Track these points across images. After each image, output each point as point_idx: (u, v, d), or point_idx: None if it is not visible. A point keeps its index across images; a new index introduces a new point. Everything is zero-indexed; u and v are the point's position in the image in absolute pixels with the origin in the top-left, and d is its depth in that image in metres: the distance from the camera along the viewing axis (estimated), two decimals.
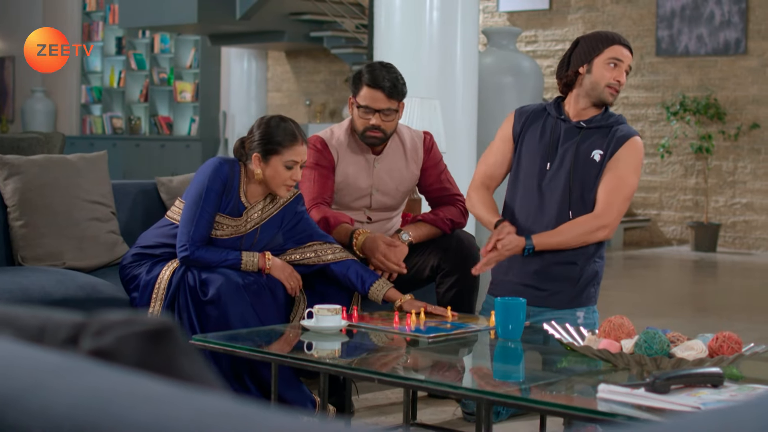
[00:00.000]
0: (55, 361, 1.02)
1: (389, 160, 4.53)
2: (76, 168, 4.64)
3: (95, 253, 4.57)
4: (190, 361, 1.12)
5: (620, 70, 4.22)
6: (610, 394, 2.69)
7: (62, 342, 1.15)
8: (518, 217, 4.26)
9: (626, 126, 4.26)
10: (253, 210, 4.13)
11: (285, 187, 4.03)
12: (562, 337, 3.23)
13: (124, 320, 1.10)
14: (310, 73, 15.07)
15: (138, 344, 1.09)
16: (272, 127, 4.01)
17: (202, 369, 1.14)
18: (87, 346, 1.12)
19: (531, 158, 4.26)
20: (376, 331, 3.68)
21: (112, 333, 1.10)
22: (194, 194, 4.03)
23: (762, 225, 11.53)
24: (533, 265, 4.18)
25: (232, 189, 4.07)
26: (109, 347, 1.09)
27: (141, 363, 1.10)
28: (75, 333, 1.15)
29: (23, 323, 1.20)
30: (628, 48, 4.26)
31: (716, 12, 11.62)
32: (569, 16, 12.69)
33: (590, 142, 4.20)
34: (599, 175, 4.16)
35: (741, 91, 11.56)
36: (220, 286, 3.91)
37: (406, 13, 6.41)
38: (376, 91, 4.36)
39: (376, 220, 4.57)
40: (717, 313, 7.77)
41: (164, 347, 1.09)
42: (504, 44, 7.15)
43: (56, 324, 1.18)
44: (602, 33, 4.29)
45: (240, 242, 4.10)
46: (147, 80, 15.82)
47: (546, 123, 4.29)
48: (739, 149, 11.61)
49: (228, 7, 12.76)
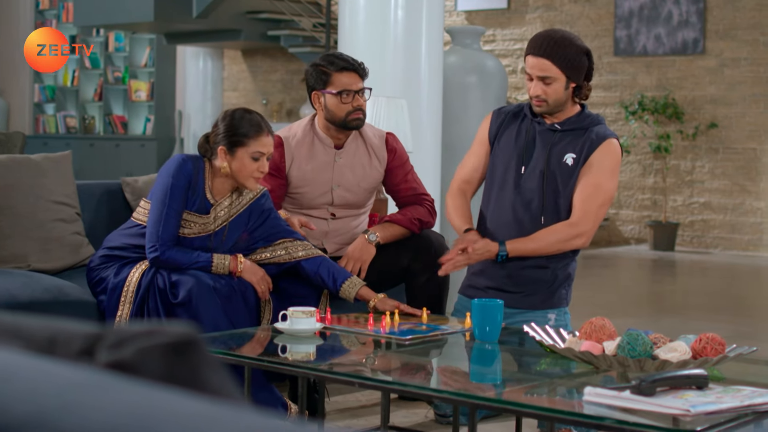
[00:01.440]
0: (81, 376, 0.96)
1: (351, 155, 4.50)
2: (40, 168, 4.55)
3: (60, 254, 4.48)
4: (214, 373, 1.07)
5: (535, 83, 4.07)
6: (597, 397, 2.65)
7: (76, 354, 1.09)
8: (491, 222, 4.22)
9: (602, 127, 4.18)
10: (219, 207, 4.07)
11: (253, 179, 3.98)
12: (543, 339, 3.20)
13: (144, 332, 1.05)
14: (266, 72, 14.98)
15: (161, 357, 1.03)
16: (237, 119, 3.97)
17: (226, 381, 1.09)
18: (104, 358, 1.06)
19: (505, 161, 4.21)
20: (351, 334, 3.63)
21: (133, 345, 1.04)
22: (159, 193, 3.96)
23: (720, 224, 11.59)
24: (506, 268, 4.15)
25: (197, 186, 4.01)
26: (129, 360, 1.04)
27: (165, 376, 1.04)
28: (90, 345, 1.09)
29: (32, 334, 1.14)
30: (546, 56, 4.04)
31: (674, 12, 11.67)
32: (527, 15, 12.70)
33: (563, 146, 4.14)
34: (573, 180, 4.10)
35: (699, 90, 11.62)
36: (191, 288, 3.84)
37: (370, 11, 6.36)
38: (349, 74, 4.39)
39: (341, 216, 4.52)
40: (677, 312, 7.80)
41: (189, 359, 1.04)
42: (468, 43, 7.12)
43: (68, 335, 1.12)
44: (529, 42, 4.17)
45: (209, 240, 4.04)
46: (101, 79, 15.65)
47: (522, 125, 4.23)
48: (697, 149, 11.67)
49: (184, 5, 12.65)
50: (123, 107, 15.65)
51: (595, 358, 3.00)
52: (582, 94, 4.14)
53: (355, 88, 4.38)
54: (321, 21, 13.15)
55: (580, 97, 4.13)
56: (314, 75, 4.43)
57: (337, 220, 4.51)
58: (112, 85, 15.56)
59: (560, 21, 12.45)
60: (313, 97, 4.45)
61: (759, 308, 8.56)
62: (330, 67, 4.39)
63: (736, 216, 11.50)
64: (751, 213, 11.40)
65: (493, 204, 4.23)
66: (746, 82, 11.36)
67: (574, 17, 12.39)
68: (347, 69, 4.39)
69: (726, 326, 6.95)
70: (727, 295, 9.07)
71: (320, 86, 4.41)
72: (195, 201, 4.02)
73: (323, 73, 4.40)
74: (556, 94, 4.07)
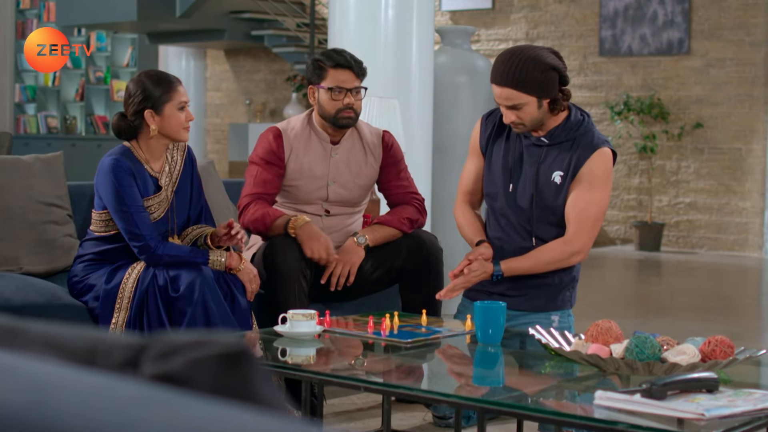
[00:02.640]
0: (136, 390, 0.91)
1: (347, 151, 4.47)
2: (31, 169, 4.48)
3: (52, 257, 4.42)
4: (265, 385, 1.02)
5: (506, 111, 3.94)
6: (608, 401, 2.62)
7: (119, 365, 1.05)
8: (489, 235, 4.17)
9: (590, 135, 4.02)
10: (163, 176, 4.09)
11: (184, 129, 4.03)
12: (549, 342, 3.16)
13: (193, 342, 1.00)
14: (249, 72, 14.92)
15: (213, 368, 0.99)
16: (152, 78, 4.01)
17: (277, 393, 1.05)
18: (150, 370, 1.02)
19: (495, 180, 4.12)
20: (352, 337, 3.59)
21: (182, 356, 1.00)
22: (114, 201, 3.92)
23: (705, 224, 11.60)
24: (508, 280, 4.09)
25: (139, 171, 4.01)
26: (179, 371, 0.99)
27: (216, 388, 1.00)
28: (133, 356, 1.04)
29: (69, 344, 1.09)
30: (509, 85, 3.87)
31: (659, 12, 11.67)
32: (512, 15, 12.68)
33: (551, 163, 4.01)
34: (561, 197, 4.00)
35: (684, 90, 11.62)
36: (193, 281, 3.81)
37: (360, 11, 6.32)
38: (344, 71, 4.35)
39: (336, 213, 4.48)
40: (665, 312, 7.79)
41: (241, 371, 1.00)
42: (458, 43, 7.08)
43: (108, 346, 1.07)
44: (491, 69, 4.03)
45: (170, 216, 4.04)
46: (83, 79, 15.54)
47: (509, 140, 4.10)
48: (683, 149, 11.67)
49: (168, 5, 12.58)
50: (105, 107, 15.55)
51: (603, 362, 2.96)
52: (559, 105, 3.96)
53: (347, 85, 4.34)
54: (305, 21, 13.10)
55: (558, 108, 3.97)
56: (311, 68, 4.41)
57: (332, 218, 4.46)
58: (94, 85, 15.46)
59: (545, 21, 12.44)
60: (309, 91, 4.44)
61: (746, 308, 8.56)
62: (326, 62, 4.37)
63: (721, 216, 11.51)
64: (737, 213, 11.41)
65: (487, 223, 4.20)
66: (731, 83, 11.36)
67: (558, 17, 12.38)
68: (342, 66, 4.35)
69: (715, 327, 6.94)
70: (714, 295, 9.06)
71: (316, 80, 4.39)
72: (146, 186, 4.03)
73: (319, 68, 4.38)
74: (530, 116, 3.94)
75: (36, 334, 1.14)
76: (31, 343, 1.13)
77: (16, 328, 1.17)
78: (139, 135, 4.04)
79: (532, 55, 3.89)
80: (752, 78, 11.26)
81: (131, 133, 4.04)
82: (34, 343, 1.13)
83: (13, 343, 1.14)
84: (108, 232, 4.03)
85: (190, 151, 4.22)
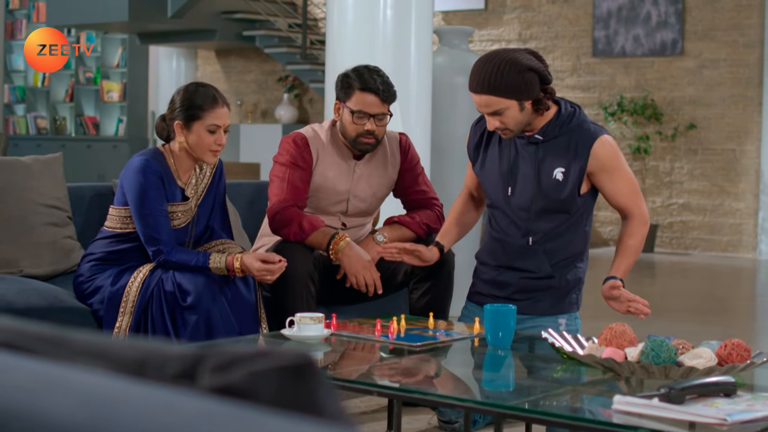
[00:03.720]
0: (198, 403, 0.87)
1: (370, 166, 4.39)
2: (31, 170, 4.43)
3: (52, 259, 4.37)
4: (330, 398, 0.98)
5: (488, 118, 3.90)
6: (627, 405, 2.59)
7: (173, 377, 1.00)
8: (492, 246, 4.12)
9: (585, 126, 3.97)
10: (190, 187, 4.05)
11: (211, 153, 3.96)
12: (562, 345, 3.13)
13: (254, 354, 0.96)
14: (240, 72, 14.87)
15: (276, 381, 0.95)
16: (191, 92, 3.94)
17: (341, 406, 1.01)
18: (208, 382, 0.98)
19: (492, 185, 4.08)
20: (360, 340, 3.55)
21: (243, 368, 0.96)
22: (138, 200, 3.89)
23: (699, 225, 11.59)
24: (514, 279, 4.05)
25: (168, 177, 3.98)
26: (240, 384, 0.95)
27: (280, 401, 0.96)
28: (189, 367, 1.00)
29: (118, 355, 1.05)
30: (485, 92, 3.82)
31: (653, 13, 11.65)
32: (505, 16, 12.65)
33: (551, 160, 3.96)
34: (566, 193, 3.95)
35: (678, 91, 11.61)
36: (201, 292, 3.77)
37: (358, 11, 6.28)
38: (369, 95, 4.20)
39: (351, 226, 4.43)
40: (659, 314, 7.75)
41: (306, 384, 0.96)
42: (456, 43, 7.04)
43: (160, 357, 1.03)
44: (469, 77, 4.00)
45: (190, 228, 3.99)
46: (72, 80, 15.48)
47: (502, 141, 4.04)
48: (676, 150, 11.66)
49: (159, 5, 12.52)
50: (95, 108, 15.49)
51: (618, 365, 2.93)
52: (543, 105, 3.90)
53: (371, 111, 4.21)
54: (297, 21, 13.05)
55: (543, 108, 3.91)
56: (341, 84, 4.28)
57: (347, 230, 4.41)
58: (84, 85, 15.39)
59: (538, 22, 12.41)
60: (335, 105, 4.31)
61: (741, 310, 8.55)
62: (356, 82, 4.22)
63: (715, 217, 11.50)
64: (731, 214, 11.40)
65: (488, 219, 4.17)
66: (725, 83, 11.36)
67: (552, 18, 12.35)
68: (371, 90, 4.20)
69: (713, 329, 6.92)
70: (708, 297, 9.05)
71: (342, 97, 4.27)
72: (173, 192, 3.99)
73: (348, 86, 4.24)
74: (514, 120, 3.87)
75: (80, 344, 1.10)
76: (76, 354, 1.09)
77: (59, 338, 1.13)
78: (172, 142, 4.01)
79: (506, 58, 3.82)
80: (746, 79, 11.26)
81: (166, 137, 4.01)
82: (80, 354, 1.09)
83: (58, 354, 1.10)
84: (124, 229, 3.99)
85: (221, 165, 4.17)
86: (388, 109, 4.26)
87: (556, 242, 4.02)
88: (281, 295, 4.08)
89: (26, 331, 1.16)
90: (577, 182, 3.95)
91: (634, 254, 4.01)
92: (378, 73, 4.27)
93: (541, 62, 3.92)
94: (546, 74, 3.90)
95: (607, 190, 3.98)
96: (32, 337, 1.14)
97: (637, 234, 4.00)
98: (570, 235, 4.04)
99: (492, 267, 4.10)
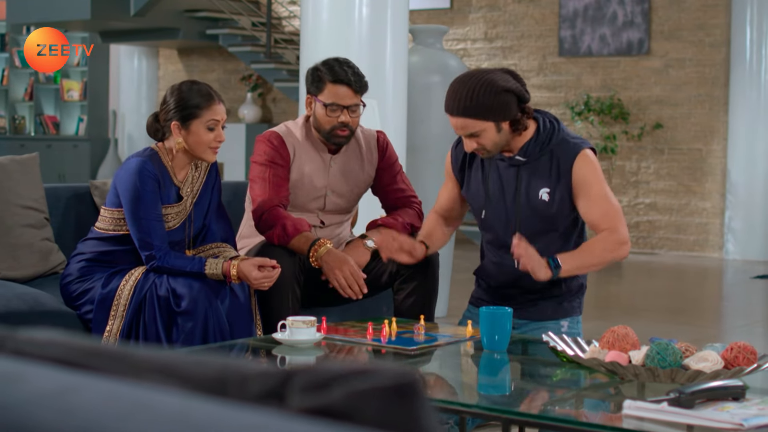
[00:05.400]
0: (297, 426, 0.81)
1: (345, 161, 4.34)
2: (7, 171, 4.33)
3: (30, 261, 4.27)
4: (433, 420, 0.92)
5: (466, 140, 3.84)
6: (637, 410, 2.54)
7: (258, 397, 0.93)
8: (490, 268, 4.07)
9: (566, 143, 3.89)
10: (185, 186, 3.98)
11: (211, 150, 3.89)
12: (564, 349, 3.07)
13: (351, 372, 0.89)
14: (203, 71, 14.74)
15: (379, 401, 0.88)
16: (185, 91, 3.88)
17: (439, 426, 0.94)
18: (300, 402, 0.91)
19: (480, 208, 4.03)
20: (353, 344, 3.48)
21: (340, 388, 0.89)
22: (132, 204, 3.80)
23: (665, 225, 11.61)
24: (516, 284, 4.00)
25: (164, 178, 3.90)
26: (338, 405, 0.88)
27: (382, 424, 0.89)
28: (276, 386, 0.93)
29: (192, 373, 0.98)
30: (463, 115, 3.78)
31: (619, 12, 11.66)
32: (471, 15, 12.61)
33: (534, 181, 3.89)
34: (554, 211, 3.89)
35: (644, 91, 11.62)
36: (196, 296, 3.69)
37: (333, 9, 6.21)
38: (341, 87, 4.16)
39: (329, 224, 4.37)
40: (629, 314, 7.76)
41: (410, 405, 0.89)
42: (431, 42, 6.99)
43: (241, 375, 0.96)
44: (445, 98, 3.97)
45: (186, 227, 3.92)
46: (32, 78, 15.28)
47: (484, 163, 3.99)
48: (643, 149, 11.67)
49: (122, 3, 12.39)
50: (55, 107, 15.30)
51: (623, 369, 2.88)
52: (521, 125, 3.85)
53: (344, 102, 4.16)
54: (261, 20, 12.95)
55: (521, 128, 3.85)
56: (311, 77, 4.22)
57: (325, 228, 4.35)
58: (43, 84, 15.20)
59: (504, 21, 12.38)
60: (306, 100, 4.26)
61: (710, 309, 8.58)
62: (326, 75, 4.17)
63: (681, 217, 11.52)
64: (697, 213, 11.43)
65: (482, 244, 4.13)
66: (691, 83, 11.38)
67: (517, 17, 12.33)
68: (342, 82, 4.15)
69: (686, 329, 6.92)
70: (678, 297, 9.07)
71: (313, 91, 4.21)
72: (168, 194, 3.92)
73: (319, 79, 4.19)
74: (491, 141, 3.82)
75: (144, 360, 1.03)
76: (142, 371, 1.02)
77: (119, 354, 1.06)
78: (166, 141, 3.93)
79: (482, 80, 3.76)
80: (712, 78, 11.28)
81: (160, 136, 3.92)
82: (147, 371, 1.01)
83: (122, 371, 1.02)
84: (116, 231, 3.90)
85: (215, 163, 4.10)
86: (361, 99, 4.22)
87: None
88: (267, 299, 4.01)
89: (80, 345, 1.08)
90: (567, 200, 3.89)
91: (590, 256, 3.84)
92: (348, 64, 4.24)
93: (518, 81, 3.87)
94: (523, 93, 3.84)
95: (582, 207, 3.89)
96: (88, 352, 1.07)
97: (605, 240, 3.82)
98: (566, 249, 3.96)
99: (492, 286, 4.07)
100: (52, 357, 1.06)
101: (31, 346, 1.10)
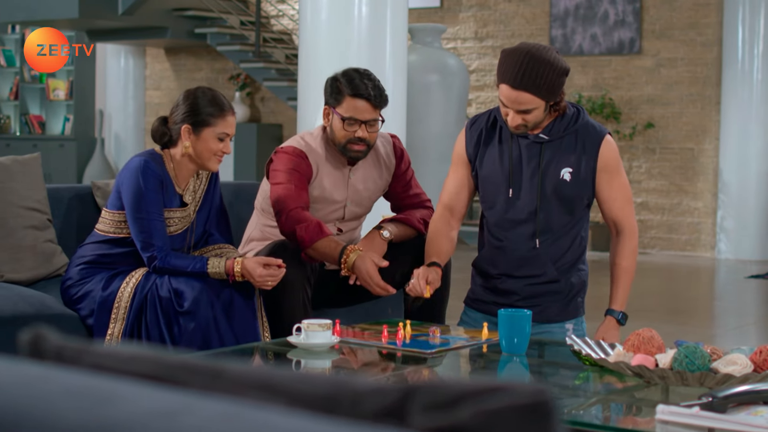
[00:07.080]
0: None
1: (364, 171, 4.27)
2: (9, 171, 4.25)
3: (33, 264, 4.19)
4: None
5: (513, 115, 3.78)
6: (671, 415, 2.50)
7: (375, 415, 0.88)
8: (492, 255, 4.01)
9: (591, 126, 3.89)
10: (188, 193, 3.94)
11: (216, 159, 3.86)
12: (589, 353, 3.03)
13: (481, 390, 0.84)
14: (190, 70, 14.67)
15: (513, 420, 0.82)
16: (201, 98, 3.85)
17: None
18: (423, 421, 0.85)
19: (491, 187, 3.96)
20: (369, 347, 3.43)
21: (470, 406, 0.83)
22: (135, 203, 3.75)
23: (657, 224, 11.59)
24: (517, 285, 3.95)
25: (167, 180, 3.86)
26: (468, 424, 0.83)
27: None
28: (395, 404, 0.88)
29: (299, 390, 0.92)
30: (525, 89, 3.70)
31: (610, 11, 11.64)
32: (461, 14, 12.57)
33: (557, 160, 3.87)
34: (574, 192, 3.86)
35: (636, 90, 11.61)
36: (198, 297, 3.63)
37: (333, 7, 6.15)
38: (360, 101, 4.04)
39: (346, 231, 4.32)
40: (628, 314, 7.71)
41: (545, 423, 0.83)
42: (429, 41, 6.95)
43: (352, 392, 0.90)
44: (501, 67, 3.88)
45: (189, 234, 3.87)
46: (17, 77, 15.17)
47: (503, 140, 3.93)
48: (634, 149, 11.65)
49: (110, 1, 12.30)
50: (40, 106, 15.19)
51: (650, 372, 2.84)
52: (560, 106, 3.83)
53: (363, 117, 4.05)
54: (250, 18, 12.88)
55: (559, 109, 3.83)
56: (330, 89, 4.10)
57: (343, 235, 4.29)
58: (29, 83, 15.09)
59: (494, 20, 12.35)
60: (324, 111, 4.14)
61: (705, 309, 8.55)
62: (346, 87, 4.05)
63: (673, 216, 11.51)
64: (689, 213, 11.42)
65: (483, 227, 4.06)
66: (683, 82, 11.37)
67: (508, 16, 12.30)
68: (362, 96, 4.03)
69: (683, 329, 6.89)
70: (673, 297, 9.05)
71: (332, 102, 4.10)
72: (170, 197, 3.87)
73: (338, 91, 4.07)
74: (536, 119, 3.79)
75: (241, 376, 0.97)
76: (240, 387, 0.96)
77: (212, 369, 1.00)
78: (172, 147, 3.87)
79: (547, 58, 3.71)
80: (704, 78, 11.28)
81: (166, 141, 3.86)
82: (245, 388, 0.96)
83: (218, 387, 0.97)
84: (117, 234, 3.85)
85: (216, 183, 4.06)
86: (380, 114, 4.13)
87: (560, 245, 3.93)
88: (278, 300, 3.95)
89: (168, 361, 1.03)
90: (588, 182, 3.86)
91: (630, 277, 4.03)
92: (369, 77, 4.12)
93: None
94: None
95: (604, 194, 3.89)
96: (179, 368, 1.01)
97: (631, 255, 3.99)
98: (572, 238, 3.96)
99: (492, 275, 3.99)
100: (139, 372, 1.01)
101: (113, 361, 1.04)
